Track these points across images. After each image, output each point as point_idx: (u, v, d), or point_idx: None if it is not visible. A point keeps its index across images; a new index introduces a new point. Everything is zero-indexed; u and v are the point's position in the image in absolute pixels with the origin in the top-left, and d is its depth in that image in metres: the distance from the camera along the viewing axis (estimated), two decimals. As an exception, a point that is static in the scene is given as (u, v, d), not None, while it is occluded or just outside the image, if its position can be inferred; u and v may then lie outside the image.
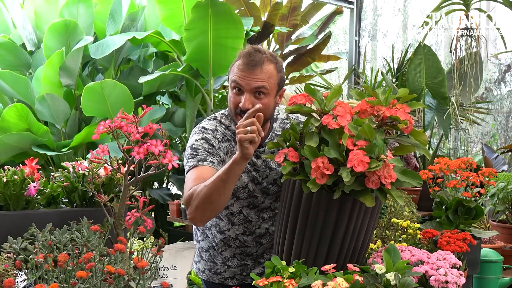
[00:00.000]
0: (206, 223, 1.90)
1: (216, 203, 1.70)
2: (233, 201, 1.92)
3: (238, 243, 1.97)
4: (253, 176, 1.91)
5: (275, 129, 1.97)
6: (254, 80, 1.78)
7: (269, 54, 1.84)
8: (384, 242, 2.11)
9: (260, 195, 1.93)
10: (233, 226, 1.95)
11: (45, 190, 1.76)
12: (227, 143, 1.90)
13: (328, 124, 1.54)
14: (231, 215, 1.95)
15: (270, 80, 1.80)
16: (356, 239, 1.63)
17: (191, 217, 1.74)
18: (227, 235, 1.96)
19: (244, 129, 1.61)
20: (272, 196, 1.95)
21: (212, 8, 3.91)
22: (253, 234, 1.96)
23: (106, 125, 1.38)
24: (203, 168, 1.78)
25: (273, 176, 1.93)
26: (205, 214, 1.73)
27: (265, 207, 1.96)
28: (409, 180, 1.56)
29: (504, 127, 5.81)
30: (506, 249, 2.53)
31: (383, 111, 1.59)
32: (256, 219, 1.95)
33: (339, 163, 1.51)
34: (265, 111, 1.79)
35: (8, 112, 3.91)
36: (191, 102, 4.49)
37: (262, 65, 1.79)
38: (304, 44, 5.55)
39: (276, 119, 1.99)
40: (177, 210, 4.24)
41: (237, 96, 1.81)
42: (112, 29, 4.46)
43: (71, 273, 1.23)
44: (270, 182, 1.93)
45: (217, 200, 1.69)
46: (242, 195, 1.92)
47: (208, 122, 1.93)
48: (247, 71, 1.78)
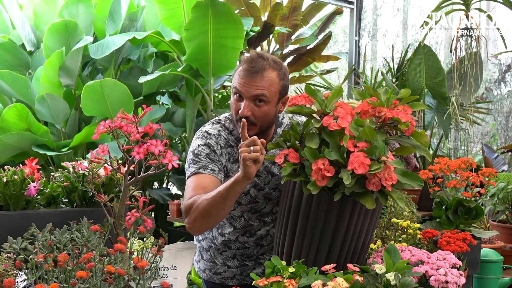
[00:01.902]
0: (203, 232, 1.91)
1: (215, 217, 1.71)
2: (235, 206, 1.91)
3: (238, 244, 1.97)
4: (255, 182, 1.90)
5: (279, 134, 1.95)
6: (254, 88, 1.77)
7: (273, 61, 1.82)
8: (384, 242, 2.10)
9: (262, 201, 1.93)
10: (234, 230, 1.95)
11: (45, 190, 1.76)
12: (230, 149, 1.88)
13: (328, 125, 1.53)
14: (233, 219, 1.95)
15: (270, 88, 1.79)
16: (357, 240, 1.63)
17: (189, 227, 1.76)
18: (228, 237, 1.96)
19: (248, 148, 1.59)
20: (274, 201, 1.95)
21: (212, 8, 3.91)
22: (254, 236, 1.96)
23: (106, 125, 1.38)
24: (204, 176, 1.78)
25: (275, 182, 1.92)
26: (203, 226, 1.75)
27: (267, 212, 1.96)
28: (410, 182, 1.56)
29: (504, 127, 5.80)
30: (506, 249, 2.53)
31: (384, 113, 1.58)
32: (257, 223, 1.95)
33: (339, 164, 1.51)
34: (265, 118, 1.80)
35: (8, 112, 3.91)
36: (191, 102, 4.49)
37: (263, 73, 1.77)
38: (304, 44, 5.54)
39: (281, 124, 1.99)
40: (177, 210, 4.23)
41: (238, 102, 1.81)
42: (112, 29, 4.46)
43: (71, 273, 1.23)
44: (272, 187, 1.93)
45: (216, 214, 1.70)
46: (243, 200, 1.91)
47: (212, 126, 1.92)
48: (248, 78, 1.78)
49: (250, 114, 1.77)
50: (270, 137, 1.92)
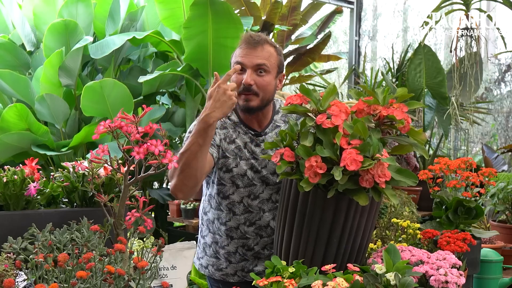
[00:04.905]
0: (187, 197, 1.91)
1: (193, 167, 1.74)
2: (233, 189, 1.96)
3: (240, 233, 1.99)
4: (252, 164, 1.95)
5: (276, 120, 2.02)
6: (256, 57, 1.88)
7: (269, 39, 1.95)
8: (384, 242, 2.11)
9: (259, 184, 1.96)
10: (234, 216, 1.98)
11: (45, 190, 1.76)
12: (225, 131, 1.97)
13: (322, 123, 1.55)
14: (232, 205, 1.98)
15: (270, 59, 1.90)
16: (354, 239, 1.63)
17: (172, 188, 1.81)
18: (229, 225, 1.99)
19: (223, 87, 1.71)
20: (272, 187, 1.98)
21: (211, 7, 3.91)
22: (254, 225, 1.99)
23: (106, 125, 1.38)
24: None
25: (272, 165, 1.96)
26: (184, 182, 1.77)
27: (266, 198, 1.98)
28: (404, 179, 1.56)
29: (504, 127, 5.81)
30: (506, 249, 2.53)
31: (379, 110, 1.59)
32: (256, 210, 1.98)
33: (333, 162, 1.52)
34: (266, 88, 1.90)
35: (8, 112, 3.91)
36: (191, 102, 4.49)
37: (263, 45, 1.90)
38: (304, 44, 5.54)
39: (278, 111, 2.05)
40: (177, 210, 4.23)
41: (239, 75, 1.90)
42: (112, 29, 4.46)
43: (71, 273, 1.23)
44: (270, 172, 1.97)
45: (192, 161, 1.73)
46: (241, 183, 1.95)
47: None
48: (249, 50, 1.89)
49: (253, 83, 1.87)
50: (268, 121, 2.00)
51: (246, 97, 1.89)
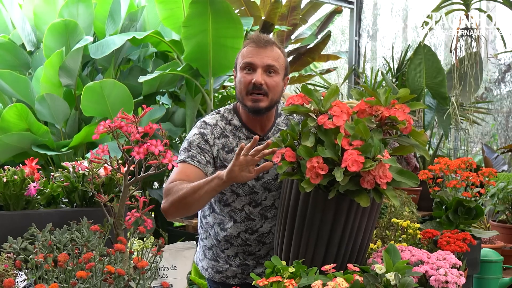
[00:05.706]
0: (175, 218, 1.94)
1: (189, 206, 1.77)
2: (234, 198, 1.93)
3: (240, 241, 1.97)
4: None
5: (278, 123, 2.01)
6: (266, 57, 1.88)
7: (276, 41, 1.97)
8: (384, 242, 2.11)
9: (261, 191, 1.93)
10: (235, 224, 1.95)
11: (45, 190, 1.75)
12: (225, 139, 1.93)
13: (323, 124, 1.54)
14: (233, 212, 1.95)
15: (279, 60, 1.91)
16: (354, 239, 1.63)
17: (164, 209, 1.81)
18: (229, 232, 1.96)
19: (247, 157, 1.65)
20: (274, 192, 1.94)
21: (211, 6, 3.90)
22: (256, 233, 1.96)
23: (106, 125, 1.38)
24: (189, 166, 1.85)
25: (274, 171, 1.93)
26: (177, 212, 1.81)
27: (268, 205, 1.95)
28: (405, 180, 1.56)
29: (504, 127, 5.80)
30: (506, 249, 2.53)
31: (381, 111, 1.59)
32: (258, 217, 1.95)
33: (334, 163, 1.51)
34: (275, 89, 1.89)
35: (8, 112, 3.90)
36: (191, 102, 4.49)
37: (272, 45, 1.91)
38: (304, 44, 5.55)
39: (280, 114, 2.03)
40: (177, 210, 4.22)
41: (248, 75, 1.88)
42: (112, 29, 4.46)
43: (71, 273, 1.23)
44: (272, 177, 1.94)
45: (190, 203, 1.75)
46: (242, 191, 1.92)
47: (210, 116, 2.00)
48: (258, 50, 1.89)
49: (264, 82, 1.86)
50: (271, 124, 1.98)
51: (255, 98, 1.87)
